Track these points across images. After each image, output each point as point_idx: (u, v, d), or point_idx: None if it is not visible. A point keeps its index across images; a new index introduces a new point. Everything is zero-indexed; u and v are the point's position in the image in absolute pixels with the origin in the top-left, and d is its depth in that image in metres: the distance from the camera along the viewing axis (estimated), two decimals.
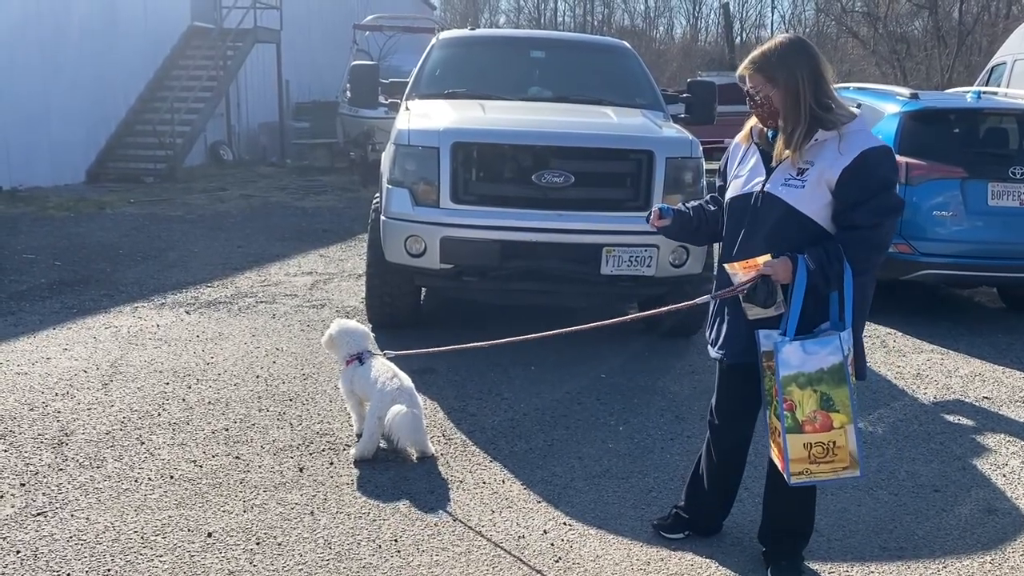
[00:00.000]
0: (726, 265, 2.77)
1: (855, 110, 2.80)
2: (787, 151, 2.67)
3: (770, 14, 69.61)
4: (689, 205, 3.12)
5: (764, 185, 2.74)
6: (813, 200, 2.65)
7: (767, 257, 2.65)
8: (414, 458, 3.76)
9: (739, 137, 2.93)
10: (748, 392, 2.97)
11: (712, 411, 3.09)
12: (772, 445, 2.76)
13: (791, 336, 2.62)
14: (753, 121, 2.85)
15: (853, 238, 2.62)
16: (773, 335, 2.67)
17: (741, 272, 2.70)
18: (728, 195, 2.89)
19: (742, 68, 2.74)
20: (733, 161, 2.92)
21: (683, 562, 3.06)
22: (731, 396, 3.01)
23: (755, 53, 2.72)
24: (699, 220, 3.05)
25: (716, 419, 3.07)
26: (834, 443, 2.61)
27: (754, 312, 2.71)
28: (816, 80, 2.64)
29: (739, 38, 43.88)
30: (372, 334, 4.15)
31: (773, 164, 2.74)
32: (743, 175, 2.83)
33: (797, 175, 2.67)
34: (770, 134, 2.79)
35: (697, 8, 49.36)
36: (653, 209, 3.08)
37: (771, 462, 2.85)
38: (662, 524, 3.24)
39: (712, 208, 3.06)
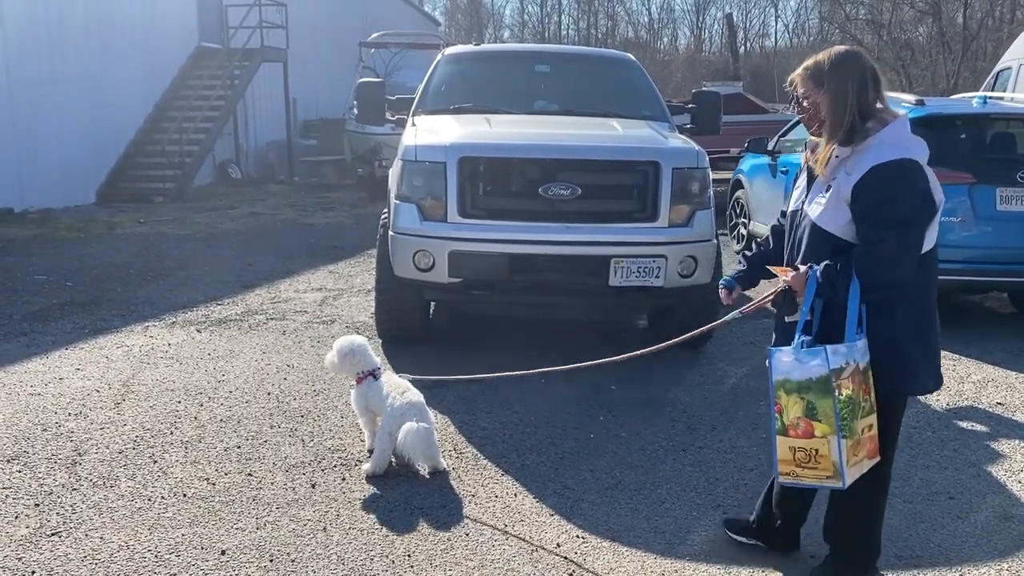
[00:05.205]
0: (770, 267, 2.92)
1: (897, 112, 2.75)
2: (821, 166, 2.77)
3: (774, 23, 69.78)
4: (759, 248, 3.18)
5: (804, 202, 2.84)
6: (835, 218, 2.70)
7: (796, 270, 2.76)
8: (426, 473, 3.76)
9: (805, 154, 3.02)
10: None
11: None
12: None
13: (797, 341, 2.68)
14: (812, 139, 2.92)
15: (860, 252, 2.65)
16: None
17: (781, 276, 2.84)
18: (786, 209, 3.02)
19: (795, 74, 2.82)
20: (796, 177, 3.02)
21: (697, 573, 3.04)
22: None
23: (809, 61, 2.79)
24: (773, 252, 3.09)
25: None
26: (816, 451, 2.64)
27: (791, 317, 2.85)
28: (861, 91, 2.67)
29: (743, 48, 44.00)
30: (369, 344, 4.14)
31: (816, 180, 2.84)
32: (796, 191, 2.95)
33: (825, 191, 2.74)
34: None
35: (701, 19, 49.61)
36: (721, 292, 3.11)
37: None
38: (732, 522, 3.28)
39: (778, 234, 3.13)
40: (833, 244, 2.71)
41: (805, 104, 2.77)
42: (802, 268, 2.75)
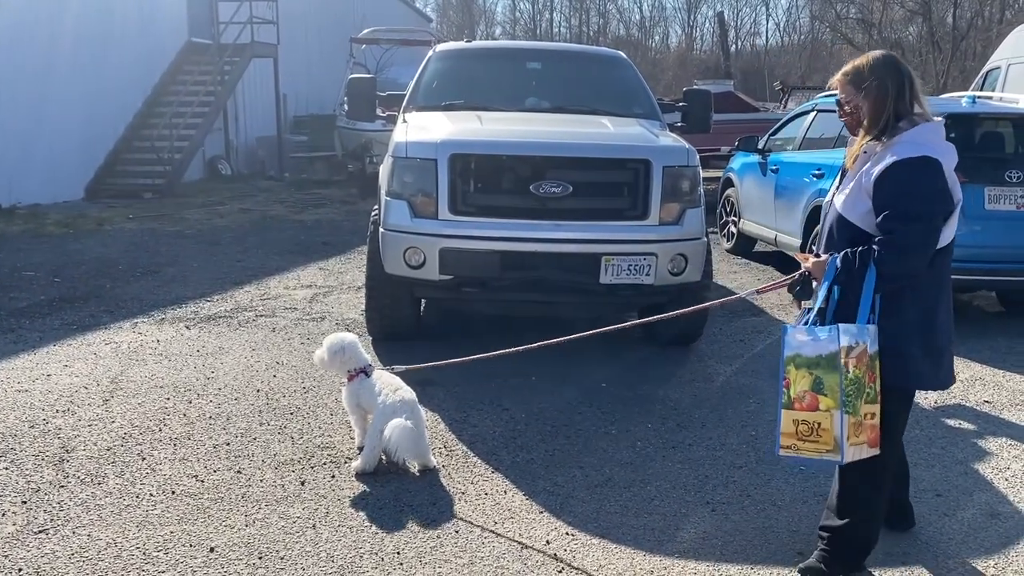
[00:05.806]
0: (795, 255, 3.08)
1: (932, 117, 2.84)
2: (851, 159, 2.91)
3: (765, 22, 69.95)
4: None
5: (835, 193, 3.00)
6: (855, 206, 2.84)
7: (818, 258, 2.91)
8: (416, 470, 3.76)
9: None
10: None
11: None
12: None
13: (811, 323, 2.80)
14: None
15: (879, 243, 2.76)
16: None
17: (802, 262, 2.98)
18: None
19: (835, 79, 2.94)
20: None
21: (686, 571, 3.05)
22: None
23: (848, 66, 2.92)
24: None
25: None
26: (819, 424, 2.73)
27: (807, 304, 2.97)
28: (899, 93, 2.80)
29: (734, 46, 44.09)
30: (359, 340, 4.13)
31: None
32: (832, 188, 3.09)
33: (851, 183, 2.88)
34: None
35: (692, 17, 49.64)
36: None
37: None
38: None
39: None
40: (851, 233, 2.84)
41: (847, 108, 2.90)
42: (823, 256, 2.88)
